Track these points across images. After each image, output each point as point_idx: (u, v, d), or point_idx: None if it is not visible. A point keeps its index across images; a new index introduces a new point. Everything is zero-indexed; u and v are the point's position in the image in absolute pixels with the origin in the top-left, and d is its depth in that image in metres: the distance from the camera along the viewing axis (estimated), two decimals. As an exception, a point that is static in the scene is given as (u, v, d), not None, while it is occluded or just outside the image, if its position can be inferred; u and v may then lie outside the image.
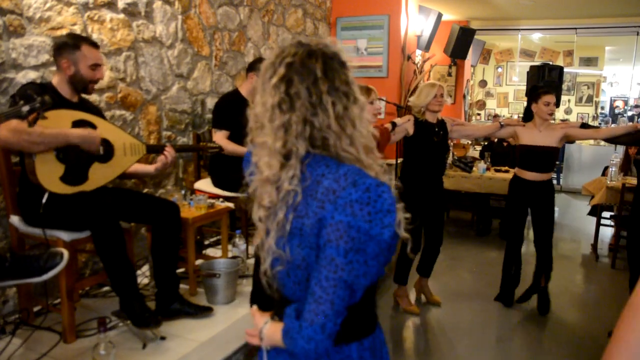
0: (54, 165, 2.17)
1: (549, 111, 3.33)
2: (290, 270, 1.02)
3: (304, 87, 0.98)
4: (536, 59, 10.09)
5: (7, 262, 1.80)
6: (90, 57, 2.29)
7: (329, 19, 5.71)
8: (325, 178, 0.97)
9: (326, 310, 0.93)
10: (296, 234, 0.99)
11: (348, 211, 0.92)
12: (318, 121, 0.98)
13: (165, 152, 2.51)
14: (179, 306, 2.51)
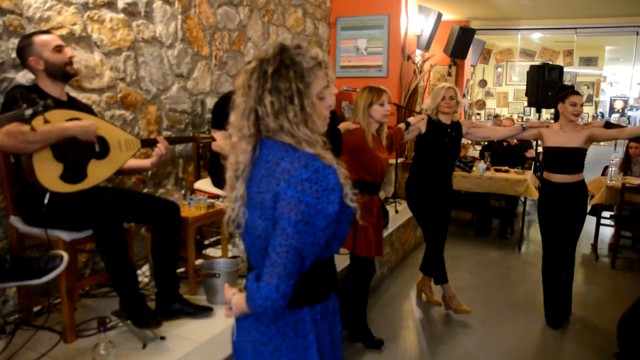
0: (52, 165, 2.17)
1: (575, 112, 3.28)
2: (254, 240, 1.21)
3: (254, 80, 1.18)
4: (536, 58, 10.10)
5: (7, 263, 1.80)
6: (48, 42, 2.28)
7: (329, 19, 5.71)
8: (283, 160, 1.14)
9: (279, 272, 1.10)
10: (257, 207, 1.17)
11: (299, 188, 1.09)
12: (261, 111, 1.18)
13: (157, 145, 2.50)
14: (179, 306, 2.51)
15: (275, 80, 1.16)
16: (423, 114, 3.44)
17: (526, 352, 3.11)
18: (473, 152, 6.78)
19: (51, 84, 2.32)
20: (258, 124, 1.20)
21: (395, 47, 5.48)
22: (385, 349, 3.03)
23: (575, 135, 3.31)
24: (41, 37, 2.29)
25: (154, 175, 3.43)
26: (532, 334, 3.35)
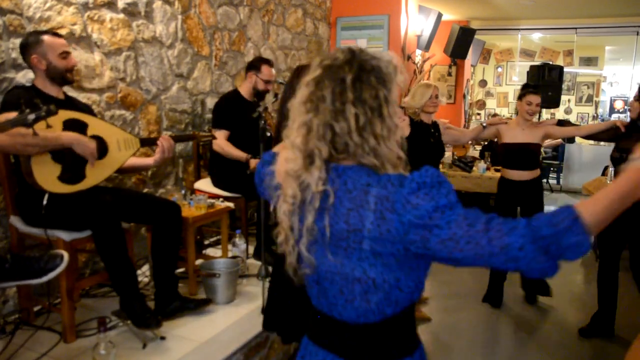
0: (50, 166, 2.17)
1: (530, 111, 3.36)
2: (345, 285, 1.01)
3: (329, 91, 0.99)
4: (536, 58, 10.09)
5: (8, 263, 1.80)
6: (56, 46, 2.29)
7: (329, 19, 5.71)
8: (372, 187, 0.96)
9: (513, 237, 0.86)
10: (351, 247, 0.98)
11: (419, 201, 0.91)
12: (339, 127, 0.99)
13: (159, 141, 2.50)
14: (179, 304, 2.51)
15: (359, 89, 0.99)
16: (405, 116, 3.27)
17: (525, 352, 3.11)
18: (473, 152, 6.77)
19: (49, 83, 2.33)
20: (334, 144, 1.01)
21: (396, 47, 5.48)
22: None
23: (531, 132, 3.40)
24: (52, 39, 2.29)
25: (154, 175, 3.43)
26: (533, 334, 3.35)
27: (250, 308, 2.70)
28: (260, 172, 1.25)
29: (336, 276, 1.02)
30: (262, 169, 1.24)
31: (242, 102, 3.46)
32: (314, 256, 1.03)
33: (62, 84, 2.38)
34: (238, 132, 3.37)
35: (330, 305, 1.06)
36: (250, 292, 2.91)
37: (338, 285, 1.02)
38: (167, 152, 2.51)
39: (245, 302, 2.78)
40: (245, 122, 3.28)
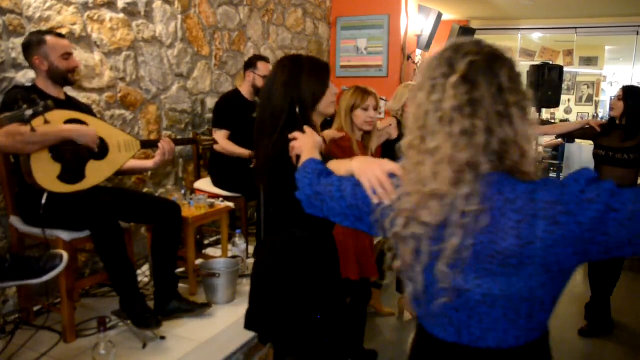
0: (50, 165, 2.17)
1: None
2: (511, 307, 0.90)
3: (489, 92, 0.88)
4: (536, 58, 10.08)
5: (7, 263, 1.80)
6: (58, 47, 2.29)
7: (329, 19, 5.70)
8: (537, 192, 0.86)
9: None
10: (528, 262, 0.87)
11: (592, 195, 0.83)
12: (503, 133, 0.88)
13: (159, 144, 2.49)
14: (177, 304, 2.51)
15: (514, 89, 0.89)
16: (390, 118, 3.15)
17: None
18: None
19: (50, 84, 2.33)
20: (491, 153, 0.88)
21: (395, 47, 5.48)
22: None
23: None
24: (55, 40, 2.29)
25: (154, 175, 3.43)
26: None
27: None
28: (316, 184, 1.13)
29: (499, 299, 0.90)
30: (323, 180, 1.13)
31: (242, 101, 3.46)
32: (462, 281, 0.90)
33: (63, 85, 2.38)
34: (239, 132, 3.37)
35: (483, 332, 0.93)
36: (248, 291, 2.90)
37: (501, 309, 0.90)
38: (168, 154, 2.51)
39: (245, 302, 2.72)
40: (246, 122, 3.29)
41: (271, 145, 1.57)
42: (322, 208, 1.12)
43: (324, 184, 1.12)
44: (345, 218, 1.09)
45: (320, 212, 1.14)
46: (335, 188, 1.09)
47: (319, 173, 1.16)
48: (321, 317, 1.66)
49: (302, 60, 1.66)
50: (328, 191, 1.10)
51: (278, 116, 1.58)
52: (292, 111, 1.59)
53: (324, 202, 1.11)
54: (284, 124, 1.57)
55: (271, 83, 1.63)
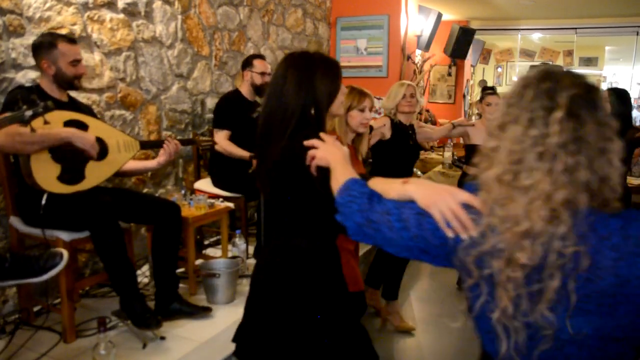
0: (50, 166, 2.17)
1: (491, 111, 3.41)
2: (600, 349, 0.87)
3: (592, 128, 0.85)
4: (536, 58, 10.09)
5: (7, 262, 1.80)
6: (69, 54, 2.29)
7: (328, 19, 5.71)
8: (629, 228, 0.85)
9: None
10: (623, 302, 0.84)
11: None
12: (603, 170, 0.86)
13: (165, 144, 2.50)
14: (178, 306, 2.51)
15: (610, 121, 0.87)
16: (384, 118, 3.14)
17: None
18: (473, 152, 6.77)
19: (55, 87, 2.34)
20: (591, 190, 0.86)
21: (395, 47, 5.48)
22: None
23: None
24: (67, 46, 2.28)
25: (154, 175, 3.43)
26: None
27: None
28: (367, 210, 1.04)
29: (590, 339, 0.87)
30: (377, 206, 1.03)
31: (242, 101, 3.46)
32: (555, 321, 0.86)
33: (68, 89, 2.39)
34: (239, 132, 3.37)
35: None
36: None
37: (590, 349, 0.87)
38: (173, 154, 2.52)
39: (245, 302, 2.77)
40: (246, 122, 3.29)
41: (280, 150, 1.43)
42: (374, 237, 1.03)
43: (379, 211, 1.02)
44: (407, 250, 1.00)
45: (371, 240, 1.05)
46: (395, 217, 1.00)
47: (368, 197, 1.05)
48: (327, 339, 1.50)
49: (314, 57, 1.53)
50: (386, 220, 1.00)
51: (289, 118, 1.44)
52: (305, 113, 1.46)
53: (379, 231, 1.02)
54: (295, 127, 1.44)
55: (280, 82, 1.48)
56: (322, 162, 1.27)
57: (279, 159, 1.44)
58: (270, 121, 1.48)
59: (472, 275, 0.92)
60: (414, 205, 1.00)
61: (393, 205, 1.02)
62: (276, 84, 1.50)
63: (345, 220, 1.07)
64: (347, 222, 1.07)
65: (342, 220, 1.08)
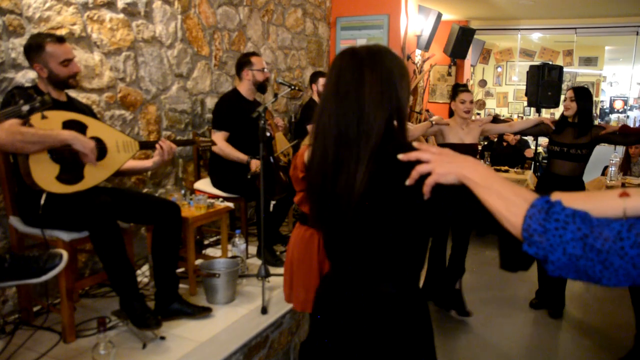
0: (49, 166, 2.17)
1: (465, 109, 3.41)
2: None
3: None
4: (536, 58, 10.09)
5: (7, 262, 1.80)
6: (58, 54, 2.27)
7: (328, 19, 5.71)
8: None
9: None
10: None
11: None
12: None
13: (158, 145, 2.48)
14: (178, 306, 2.51)
15: None
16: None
17: (525, 351, 3.11)
18: (473, 152, 6.77)
19: (51, 88, 2.34)
20: None
21: (395, 47, 5.48)
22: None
23: (470, 131, 3.46)
24: (54, 47, 2.26)
25: (154, 175, 3.43)
26: (533, 333, 3.35)
27: (250, 308, 2.70)
28: (589, 235, 0.78)
29: None
30: (598, 229, 0.78)
31: (242, 102, 3.46)
32: None
33: (64, 88, 2.39)
34: (238, 133, 3.37)
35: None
36: (250, 292, 2.91)
37: None
38: (167, 155, 2.50)
39: (245, 302, 2.77)
40: (245, 123, 3.28)
41: (369, 173, 1.12)
42: (594, 269, 0.79)
43: (609, 237, 0.77)
44: (635, 279, 0.78)
45: (582, 275, 0.81)
46: (630, 243, 0.76)
47: (582, 220, 0.80)
48: None
49: (388, 55, 1.21)
50: (618, 248, 0.76)
51: (375, 135, 1.13)
52: (390, 127, 1.16)
53: (604, 262, 0.78)
54: (380, 144, 1.13)
55: (356, 90, 1.15)
56: (449, 178, 0.95)
57: (367, 187, 1.12)
58: (345, 140, 1.15)
59: None
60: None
61: (624, 227, 0.78)
62: (347, 92, 1.16)
63: (550, 253, 0.81)
64: (552, 256, 0.81)
65: (541, 252, 0.82)
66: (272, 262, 3.22)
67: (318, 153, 1.21)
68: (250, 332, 2.44)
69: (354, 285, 1.23)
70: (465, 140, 3.42)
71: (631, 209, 0.83)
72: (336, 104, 1.18)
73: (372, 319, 1.21)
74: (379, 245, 1.18)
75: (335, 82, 1.20)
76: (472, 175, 0.93)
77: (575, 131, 3.34)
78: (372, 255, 1.20)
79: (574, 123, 3.36)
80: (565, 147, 3.36)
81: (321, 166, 1.20)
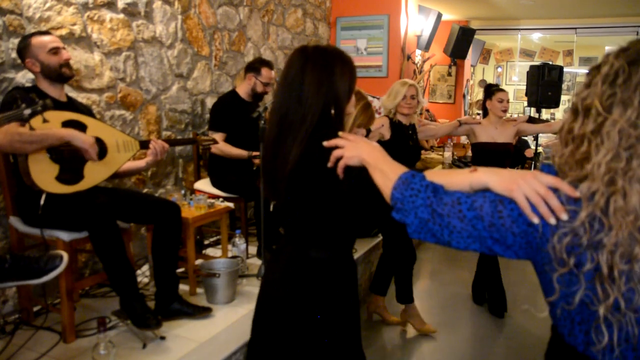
0: (48, 166, 2.17)
1: (503, 107, 3.38)
2: None
3: None
4: (536, 58, 10.10)
5: (7, 263, 1.80)
6: (44, 44, 2.29)
7: (328, 19, 5.71)
8: None
9: None
10: None
11: None
12: None
13: (150, 145, 2.47)
14: (178, 306, 2.51)
15: None
16: (382, 118, 3.11)
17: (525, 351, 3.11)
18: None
19: (49, 85, 2.34)
20: None
21: (395, 47, 5.48)
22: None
23: (505, 130, 3.41)
24: (38, 39, 2.29)
25: (154, 175, 3.43)
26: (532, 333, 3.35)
27: (250, 308, 2.69)
28: (435, 203, 0.96)
29: None
30: (446, 198, 0.96)
31: (239, 102, 3.46)
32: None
33: (61, 80, 2.38)
34: (235, 134, 3.37)
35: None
36: (250, 292, 2.91)
37: None
38: (160, 155, 2.49)
39: (245, 302, 2.77)
40: (243, 123, 3.28)
41: (299, 154, 1.32)
42: (441, 232, 0.95)
43: (448, 202, 0.94)
44: (478, 241, 0.94)
45: (434, 237, 0.97)
46: (467, 206, 0.93)
47: (433, 190, 0.97)
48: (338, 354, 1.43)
49: (332, 52, 1.41)
50: (456, 211, 0.93)
51: (309, 119, 1.33)
52: (326, 113, 1.35)
53: (447, 226, 0.94)
54: (315, 128, 1.33)
55: (298, 79, 1.36)
56: (354, 161, 1.15)
57: (297, 164, 1.32)
58: (287, 122, 1.36)
59: (564, 264, 0.86)
60: (487, 193, 0.93)
61: (463, 196, 0.94)
62: (292, 81, 1.37)
63: (406, 217, 0.99)
64: (408, 219, 0.99)
65: (402, 217, 0.99)
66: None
67: (268, 133, 1.43)
68: (250, 332, 2.44)
69: (290, 250, 1.44)
70: (497, 140, 3.37)
71: (476, 181, 0.96)
72: (282, 91, 1.41)
73: (302, 281, 1.41)
74: (308, 215, 1.39)
75: (285, 73, 1.42)
76: (367, 157, 1.12)
77: None
78: (303, 223, 1.41)
79: None
80: None
81: (268, 144, 1.42)
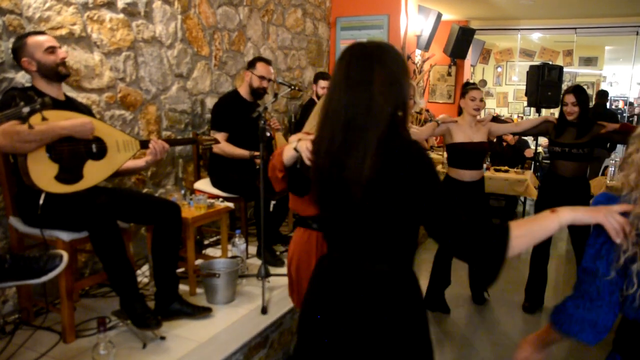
0: (47, 165, 2.16)
1: (475, 106, 3.36)
2: None
3: None
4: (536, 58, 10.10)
5: (7, 263, 1.80)
6: (40, 43, 2.29)
7: (328, 19, 5.71)
8: None
9: None
10: None
11: None
12: None
13: (150, 145, 2.47)
14: (178, 306, 2.51)
15: None
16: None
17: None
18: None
19: (46, 84, 2.33)
20: None
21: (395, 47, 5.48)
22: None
23: (479, 130, 3.41)
24: (34, 38, 2.29)
25: (154, 175, 3.43)
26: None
27: (250, 308, 2.70)
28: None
29: None
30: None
31: (240, 102, 3.46)
32: None
33: (58, 79, 2.37)
34: (237, 133, 3.37)
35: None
36: (250, 292, 2.91)
37: None
38: (160, 154, 2.49)
39: (245, 302, 2.77)
40: (244, 123, 3.28)
41: (376, 160, 1.19)
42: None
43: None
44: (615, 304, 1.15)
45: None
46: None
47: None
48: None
49: (392, 49, 1.29)
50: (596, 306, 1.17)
51: (383, 124, 1.21)
52: (395, 117, 1.23)
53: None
54: (387, 135, 1.21)
55: (366, 79, 1.22)
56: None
57: (377, 172, 1.19)
58: (355, 127, 1.22)
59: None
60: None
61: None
62: (360, 81, 1.23)
63: (601, 265, 1.16)
64: (601, 266, 1.15)
65: (594, 266, 1.17)
66: (272, 262, 3.22)
67: (326, 138, 1.27)
68: (250, 332, 2.44)
69: (351, 265, 1.31)
70: (474, 139, 3.36)
71: (564, 220, 1.12)
72: (346, 93, 1.24)
73: (367, 296, 1.28)
74: (378, 227, 1.26)
75: (346, 71, 1.25)
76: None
77: (576, 131, 3.32)
78: (371, 236, 1.28)
79: (575, 123, 3.34)
80: (567, 147, 3.33)
81: (329, 151, 1.26)
